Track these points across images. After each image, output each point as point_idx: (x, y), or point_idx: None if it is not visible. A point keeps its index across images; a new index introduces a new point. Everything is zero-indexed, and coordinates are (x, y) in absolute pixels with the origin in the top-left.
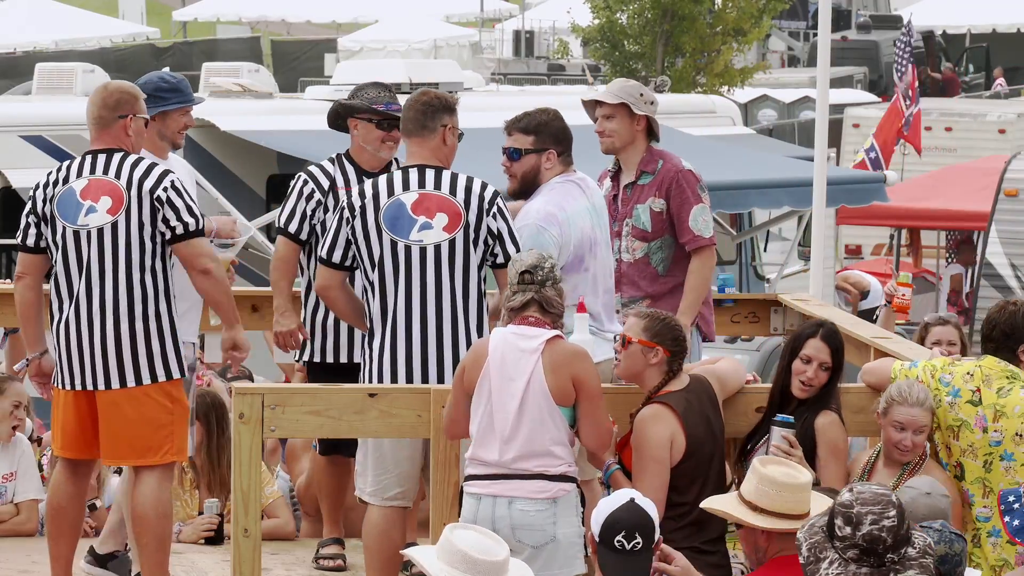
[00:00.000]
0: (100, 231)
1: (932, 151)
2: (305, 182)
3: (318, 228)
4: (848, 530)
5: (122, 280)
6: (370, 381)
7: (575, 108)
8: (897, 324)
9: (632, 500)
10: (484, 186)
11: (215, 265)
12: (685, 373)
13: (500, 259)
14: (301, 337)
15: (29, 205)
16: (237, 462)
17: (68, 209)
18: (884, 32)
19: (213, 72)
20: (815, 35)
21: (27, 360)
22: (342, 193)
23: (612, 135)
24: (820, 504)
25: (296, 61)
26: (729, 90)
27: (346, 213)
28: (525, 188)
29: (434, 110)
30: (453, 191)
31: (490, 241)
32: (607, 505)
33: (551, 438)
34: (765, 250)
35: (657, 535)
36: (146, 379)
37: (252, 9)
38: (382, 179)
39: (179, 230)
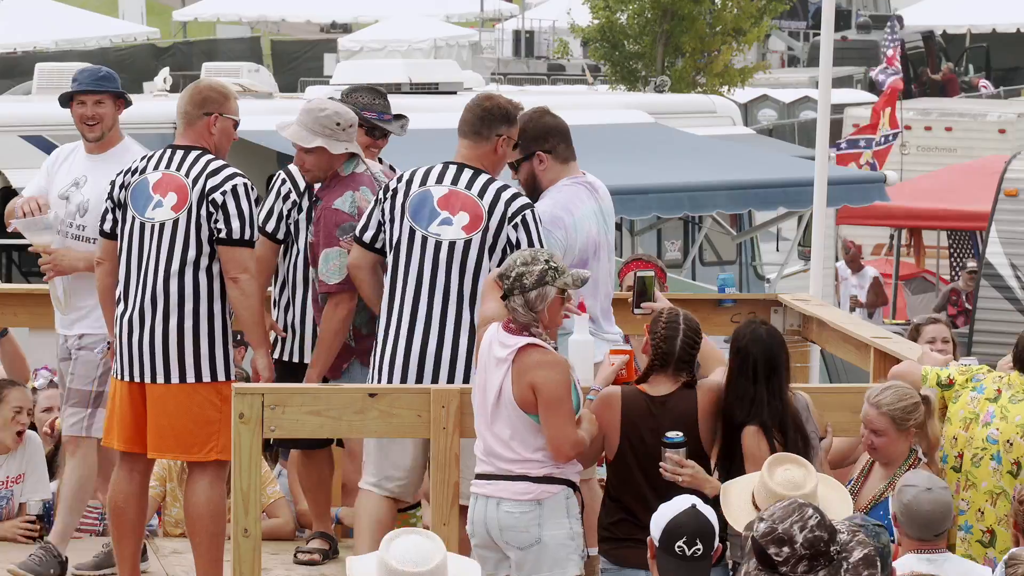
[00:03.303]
0: (162, 226)
1: (932, 151)
2: (283, 181)
3: (292, 228)
4: (786, 550)
5: (174, 277)
6: (377, 373)
7: (575, 108)
8: (894, 323)
9: (694, 506)
10: (515, 196)
11: (246, 278)
12: (683, 382)
13: None
14: (274, 334)
15: (108, 190)
16: (237, 462)
17: (139, 199)
18: (884, 32)
19: (213, 72)
20: (815, 35)
21: (107, 343)
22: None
23: (312, 169)
24: (828, 492)
25: (296, 61)
26: (729, 90)
27: (380, 193)
28: (531, 194)
29: (492, 119)
30: (482, 194)
31: (508, 250)
32: (668, 510)
33: (528, 443)
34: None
35: (717, 542)
36: (191, 377)
37: (252, 9)
38: (421, 169)
39: (222, 233)
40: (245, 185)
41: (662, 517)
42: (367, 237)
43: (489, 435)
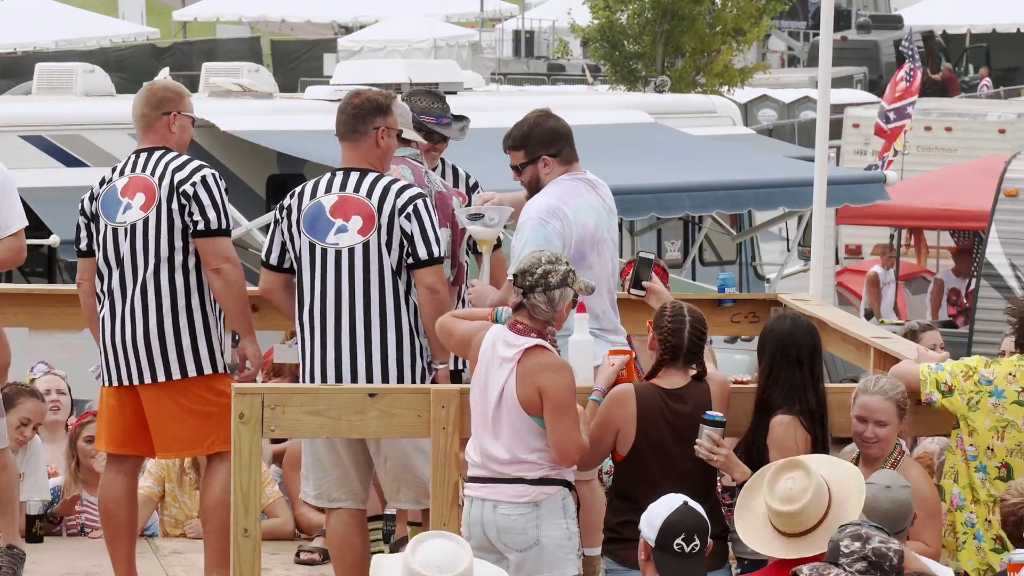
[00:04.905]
0: (133, 227)
1: (932, 151)
2: None
3: None
4: (857, 545)
5: (150, 276)
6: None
7: (575, 108)
8: (895, 323)
9: (685, 503)
10: (402, 188)
11: (229, 267)
12: (692, 375)
13: (411, 260)
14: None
15: (79, 207)
16: (237, 462)
17: (110, 207)
18: (884, 32)
19: (213, 72)
20: (815, 35)
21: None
22: None
23: None
24: (844, 484)
25: (296, 61)
26: (729, 90)
27: (277, 214)
28: (534, 195)
29: (365, 113)
30: (370, 194)
31: (404, 243)
32: (660, 509)
33: (527, 445)
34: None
35: (709, 538)
36: (177, 374)
37: (252, 9)
38: (311, 182)
39: (200, 225)
40: (213, 175)
41: (655, 517)
42: (273, 260)
43: (486, 436)
